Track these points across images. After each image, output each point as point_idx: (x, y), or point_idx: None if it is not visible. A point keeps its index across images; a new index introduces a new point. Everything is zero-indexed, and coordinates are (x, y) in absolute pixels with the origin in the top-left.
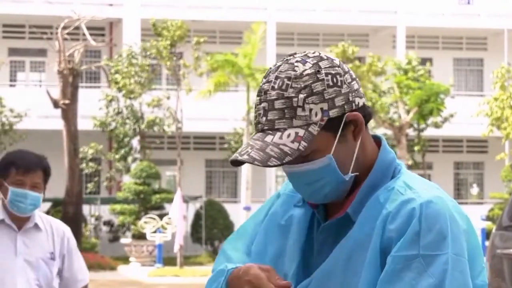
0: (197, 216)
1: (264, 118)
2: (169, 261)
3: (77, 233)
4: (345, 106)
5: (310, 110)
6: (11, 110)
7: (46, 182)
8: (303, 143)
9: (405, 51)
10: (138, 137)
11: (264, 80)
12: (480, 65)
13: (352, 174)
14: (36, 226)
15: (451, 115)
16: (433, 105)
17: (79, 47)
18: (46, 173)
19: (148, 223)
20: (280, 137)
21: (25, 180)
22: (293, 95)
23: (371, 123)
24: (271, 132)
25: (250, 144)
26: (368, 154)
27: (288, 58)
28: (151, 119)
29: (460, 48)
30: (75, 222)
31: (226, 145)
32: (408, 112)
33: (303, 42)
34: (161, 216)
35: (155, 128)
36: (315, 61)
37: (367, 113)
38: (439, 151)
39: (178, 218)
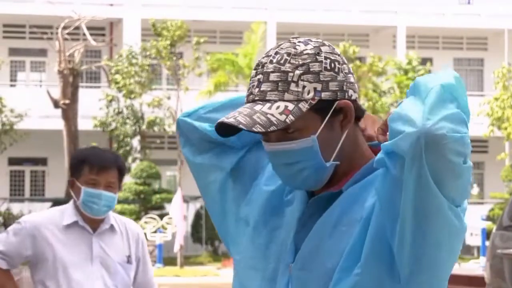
0: (198, 216)
1: (257, 89)
2: (169, 261)
3: None
4: (338, 93)
5: (304, 87)
6: (12, 110)
7: (121, 181)
8: (291, 117)
9: (406, 51)
10: (138, 137)
11: (264, 55)
12: (480, 65)
13: (334, 162)
14: (111, 227)
15: None
16: None
17: (79, 47)
18: (121, 171)
19: (148, 223)
20: (269, 108)
21: (99, 180)
22: (289, 70)
23: None
24: (261, 102)
25: (238, 111)
26: (363, 152)
27: (291, 39)
28: (151, 119)
29: (461, 48)
30: None
31: None
32: None
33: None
34: (161, 216)
35: (156, 128)
36: (317, 45)
37: (358, 109)
38: None
39: (179, 218)
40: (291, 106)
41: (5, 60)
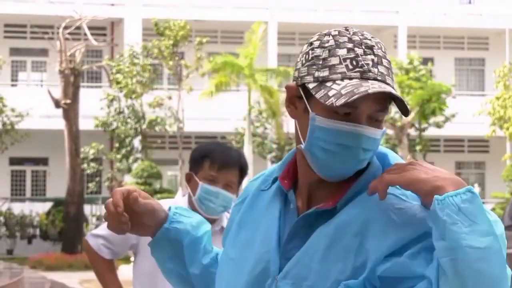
0: None
1: (376, 69)
2: None
3: (79, 233)
4: None
5: (393, 78)
6: (13, 110)
7: (240, 183)
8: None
9: (407, 51)
10: (139, 137)
11: (360, 36)
12: (481, 65)
13: None
14: (222, 230)
15: (453, 115)
16: (435, 104)
17: (80, 47)
18: (243, 172)
19: None
20: (393, 89)
21: (218, 177)
22: (388, 59)
23: None
24: (384, 84)
25: (380, 86)
26: None
27: (355, 29)
28: (152, 119)
29: (462, 48)
30: (76, 222)
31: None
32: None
33: (305, 42)
34: None
35: (157, 128)
36: None
37: None
38: (441, 151)
39: None
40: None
41: (6, 60)
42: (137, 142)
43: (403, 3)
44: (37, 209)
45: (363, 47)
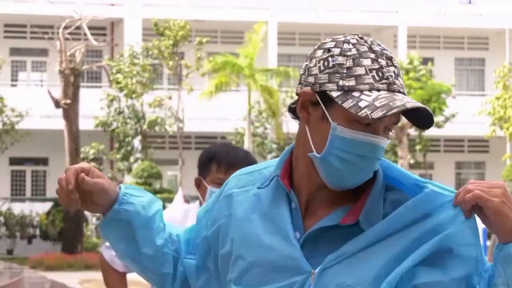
0: None
1: (398, 81)
2: None
3: (79, 233)
4: None
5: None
6: (13, 110)
7: None
8: None
9: (407, 51)
10: (139, 137)
11: (379, 47)
12: (481, 65)
13: None
14: None
15: (453, 115)
16: (435, 104)
17: (80, 46)
18: None
19: None
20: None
21: (226, 179)
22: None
23: None
24: (406, 96)
25: (399, 99)
26: None
27: (369, 38)
28: (152, 119)
29: (462, 48)
30: (76, 222)
31: None
32: None
33: (305, 42)
34: None
35: (157, 128)
36: None
37: None
38: (441, 151)
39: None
40: None
41: (6, 60)
42: (137, 142)
43: (403, 3)
44: (37, 209)
45: (385, 58)
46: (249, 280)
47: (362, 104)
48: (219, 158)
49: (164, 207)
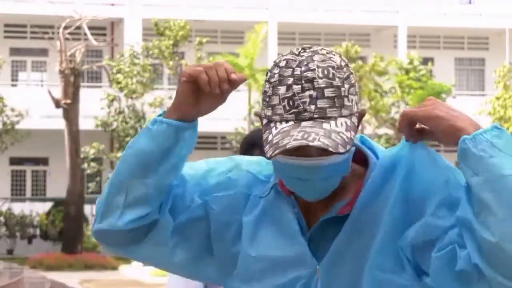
0: None
1: (312, 106)
2: None
3: (79, 233)
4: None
5: (352, 100)
6: (13, 110)
7: None
8: (352, 133)
9: (407, 51)
10: None
11: (302, 69)
12: (481, 65)
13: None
14: None
15: None
16: None
17: (80, 46)
18: None
19: None
20: (336, 125)
21: None
22: (340, 84)
23: (374, 123)
24: (324, 120)
25: (308, 132)
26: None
27: (314, 49)
28: None
29: (462, 48)
30: (76, 222)
31: (227, 145)
32: None
33: (305, 42)
34: None
35: None
36: (339, 54)
37: None
38: (441, 150)
39: None
40: (348, 122)
41: (6, 60)
42: None
43: (403, 3)
44: (37, 209)
45: (303, 81)
46: (253, 274)
47: (269, 138)
48: (261, 145)
49: None
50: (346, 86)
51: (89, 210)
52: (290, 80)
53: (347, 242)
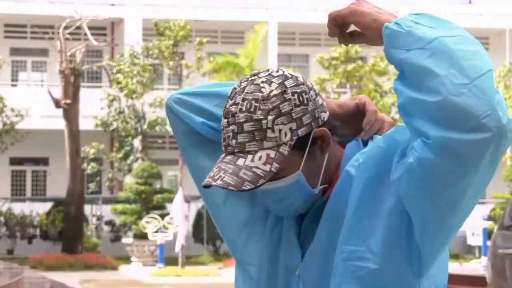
0: (199, 216)
1: (234, 141)
2: (170, 261)
3: (79, 233)
4: (312, 123)
5: (280, 131)
6: (13, 110)
7: None
8: (275, 164)
9: None
10: (139, 137)
11: (231, 102)
12: None
13: (321, 187)
14: None
15: None
16: None
17: (80, 46)
18: None
19: (149, 223)
20: (252, 160)
21: None
22: (262, 117)
23: None
24: (242, 155)
25: (222, 168)
26: (337, 155)
27: (253, 78)
28: (153, 119)
29: None
30: (76, 222)
31: None
32: None
33: (305, 42)
34: (162, 216)
35: (157, 128)
36: (280, 81)
37: (332, 125)
38: None
39: (180, 218)
40: (272, 153)
41: (7, 60)
42: (137, 142)
43: (403, 3)
44: (38, 209)
45: (229, 115)
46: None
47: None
48: None
49: (164, 207)
50: (271, 117)
51: (89, 210)
52: (224, 113)
53: (325, 224)
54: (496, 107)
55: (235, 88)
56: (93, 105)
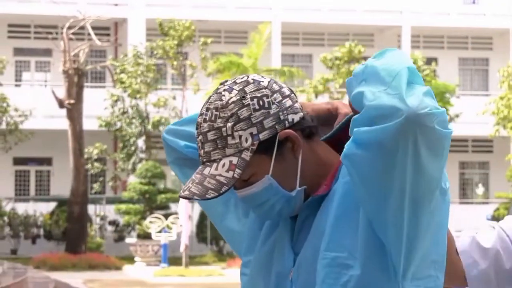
0: (202, 216)
1: (202, 151)
2: (174, 261)
3: (83, 233)
4: (276, 126)
5: (240, 136)
6: (16, 110)
7: None
8: (238, 171)
9: (411, 50)
10: (143, 137)
11: (199, 113)
12: (485, 65)
13: (300, 189)
14: None
15: (457, 115)
16: (440, 104)
17: (84, 47)
18: None
19: (153, 223)
20: (216, 168)
21: None
22: (221, 125)
23: None
24: (209, 164)
25: (192, 179)
26: (328, 154)
27: (219, 87)
28: (156, 119)
29: (466, 47)
30: (80, 222)
31: None
32: None
33: (308, 42)
34: (166, 216)
35: (161, 128)
36: (241, 87)
37: (307, 126)
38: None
39: (184, 218)
40: (234, 159)
41: (10, 60)
42: (141, 142)
43: (406, 3)
44: (41, 209)
45: (197, 127)
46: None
47: None
48: None
49: (168, 207)
50: (230, 124)
51: (92, 210)
52: (196, 126)
53: (316, 228)
54: (405, 97)
55: (205, 102)
56: (97, 105)
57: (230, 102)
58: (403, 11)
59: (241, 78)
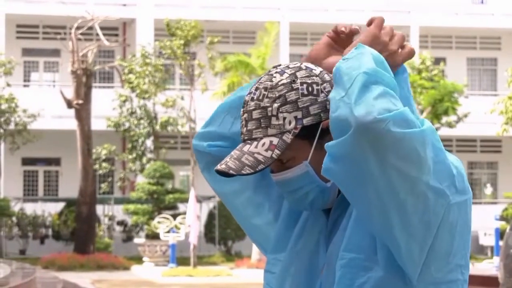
0: (211, 216)
1: (245, 129)
2: (182, 261)
3: (91, 233)
4: (322, 114)
5: (284, 118)
6: (25, 110)
7: None
8: (276, 151)
9: (419, 50)
10: (151, 137)
11: (247, 92)
12: (494, 65)
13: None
14: None
15: (465, 115)
16: (448, 104)
17: (92, 47)
18: None
19: (161, 223)
20: (256, 146)
21: None
22: (268, 104)
23: None
24: (249, 141)
25: (230, 154)
26: None
27: (271, 70)
28: (164, 119)
29: (474, 47)
30: (88, 222)
31: None
32: (421, 112)
33: (317, 42)
34: (174, 216)
35: (169, 128)
36: (292, 71)
37: None
38: (453, 151)
39: (192, 218)
40: (275, 140)
41: (19, 61)
42: (149, 142)
43: (415, 3)
44: (50, 209)
45: (244, 105)
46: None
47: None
48: None
49: (176, 207)
50: (276, 105)
51: (101, 210)
52: (243, 105)
53: (343, 221)
54: (354, 107)
55: (256, 82)
56: (105, 106)
57: (280, 84)
58: (411, 11)
59: (295, 64)
